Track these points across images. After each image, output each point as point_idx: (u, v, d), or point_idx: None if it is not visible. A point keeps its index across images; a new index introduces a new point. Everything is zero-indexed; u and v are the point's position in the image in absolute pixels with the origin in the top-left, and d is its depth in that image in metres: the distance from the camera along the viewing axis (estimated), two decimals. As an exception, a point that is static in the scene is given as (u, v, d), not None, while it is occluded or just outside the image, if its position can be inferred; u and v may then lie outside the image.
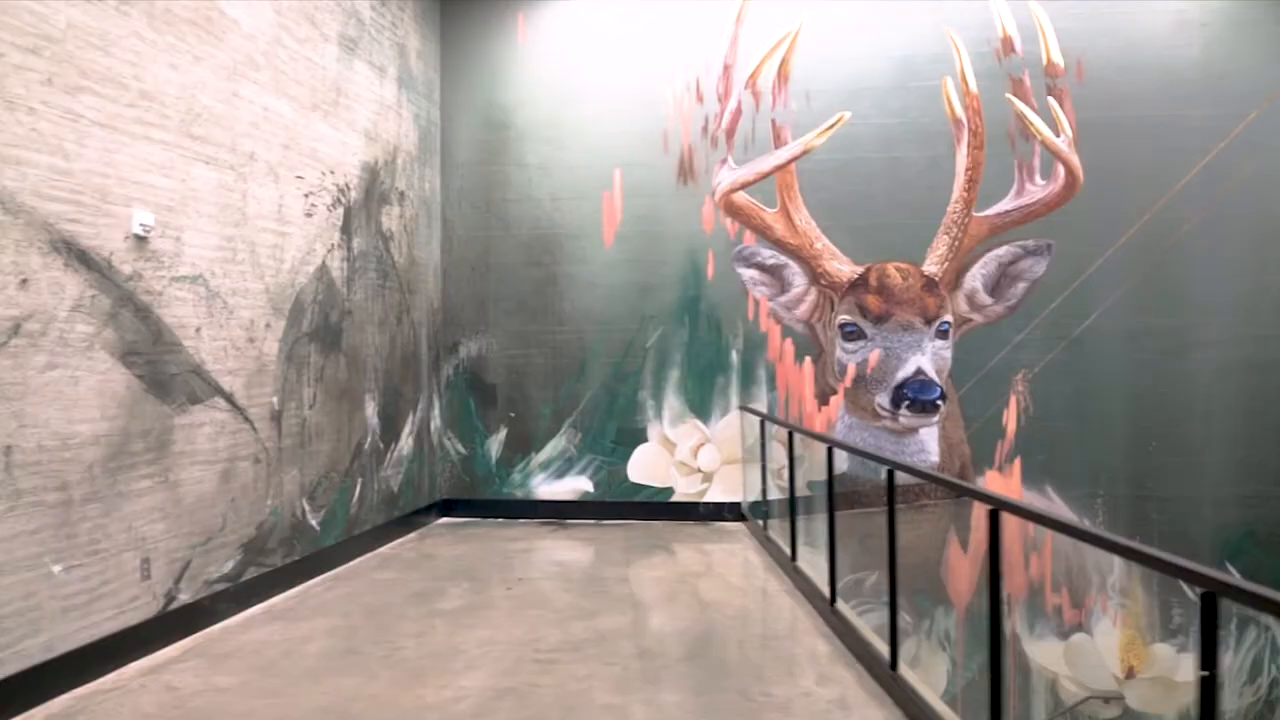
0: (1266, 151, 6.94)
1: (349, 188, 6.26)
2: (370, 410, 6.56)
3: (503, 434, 7.51)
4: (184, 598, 4.63)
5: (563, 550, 6.77)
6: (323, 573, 5.91)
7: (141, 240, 4.34)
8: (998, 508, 3.01)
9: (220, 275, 4.91)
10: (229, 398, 5.00)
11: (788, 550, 5.85)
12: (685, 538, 6.99)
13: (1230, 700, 7.08)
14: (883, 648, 4.05)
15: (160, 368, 4.47)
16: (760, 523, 6.97)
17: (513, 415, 7.51)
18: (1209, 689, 1.97)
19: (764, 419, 6.69)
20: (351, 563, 6.23)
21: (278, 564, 5.46)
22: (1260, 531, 7.03)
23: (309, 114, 5.79)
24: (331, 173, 6.06)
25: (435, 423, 7.53)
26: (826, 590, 4.89)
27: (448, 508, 7.54)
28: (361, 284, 6.43)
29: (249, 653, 4.52)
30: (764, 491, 6.77)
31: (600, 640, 4.68)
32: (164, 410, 4.49)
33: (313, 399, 5.86)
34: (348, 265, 6.26)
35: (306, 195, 5.77)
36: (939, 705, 3.68)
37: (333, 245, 6.08)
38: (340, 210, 6.16)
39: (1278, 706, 7.06)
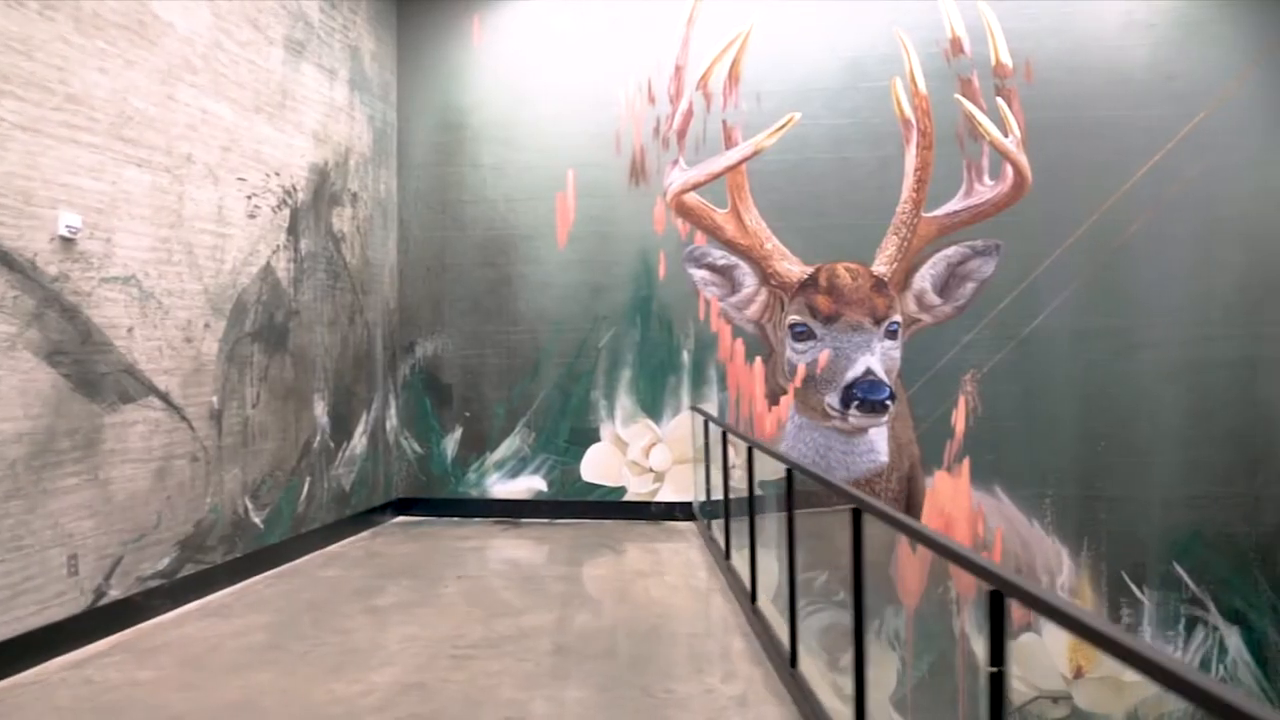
0: (1214, 152, 6.96)
1: (296, 189, 6.33)
2: (320, 409, 6.63)
3: (458, 433, 7.58)
4: (115, 593, 4.70)
5: (510, 549, 6.83)
6: (267, 570, 5.98)
7: (68, 242, 4.41)
8: (859, 509, 3.05)
9: (155, 276, 4.98)
10: (164, 397, 5.07)
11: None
12: (635, 537, 7.04)
13: (1178, 700, 7.08)
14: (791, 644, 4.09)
15: (89, 367, 4.54)
16: (708, 523, 7.02)
17: (468, 415, 7.58)
18: (998, 685, 2.02)
19: (707, 420, 6.74)
20: (298, 560, 6.30)
21: (217, 561, 5.52)
22: (1208, 531, 7.05)
23: (252, 116, 5.86)
24: (277, 174, 6.12)
25: (391, 422, 7.60)
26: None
27: (404, 506, 7.60)
28: (310, 284, 6.50)
29: (176, 648, 4.59)
30: (708, 492, 6.82)
31: (522, 637, 4.73)
32: (93, 409, 4.56)
33: (256, 398, 5.93)
34: (295, 266, 6.32)
35: (249, 197, 5.83)
36: (833, 703, 3.74)
37: (278, 246, 6.15)
38: (286, 211, 6.23)
39: (1225, 706, 7.05)
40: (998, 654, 2.02)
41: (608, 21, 7.44)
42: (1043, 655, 7.14)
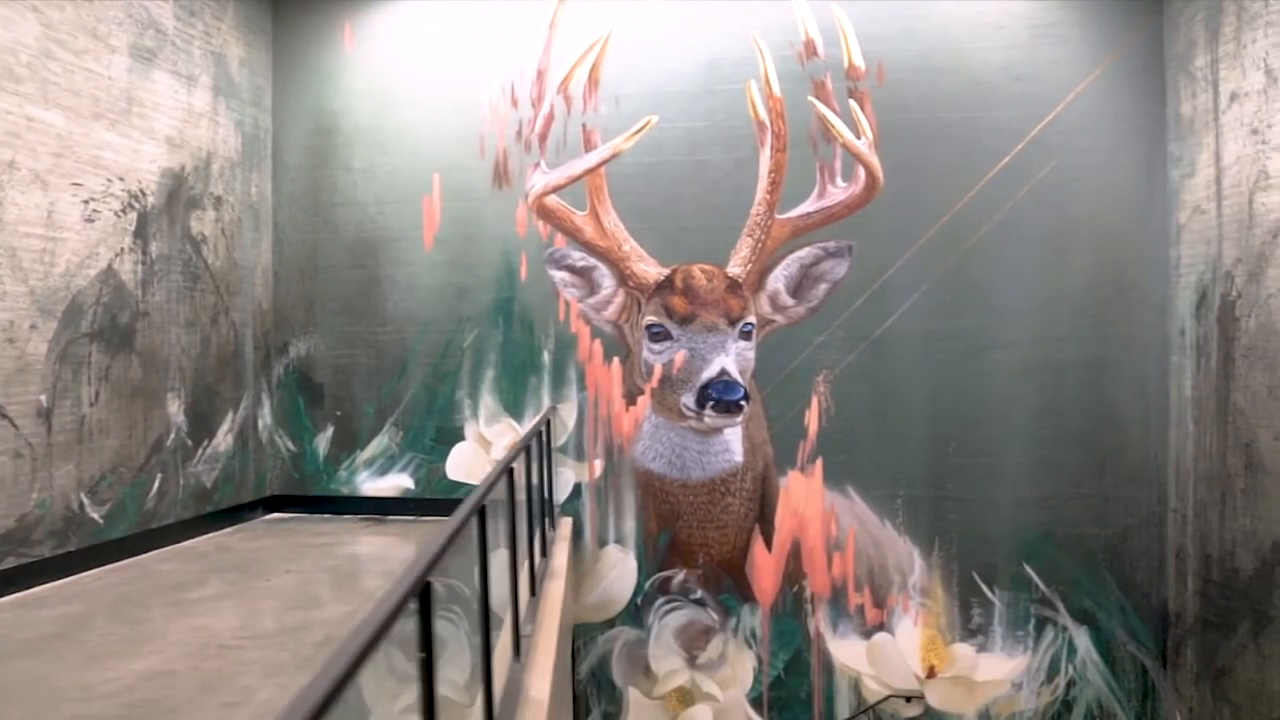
0: (1062, 153, 6.98)
1: (145, 193, 6.50)
2: (174, 408, 6.79)
3: (330, 432, 7.73)
4: (-75, 583, 4.88)
5: (363, 545, 6.97)
6: (106, 563, 6.14)
7: None
8: (484, 508, 3.15)
9: (-32, 279, 5.15)
10: (-20, 396, 5.24)
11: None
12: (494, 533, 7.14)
13: (1029, 700, 7.13)
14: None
15: (-111, 367, 4.72)
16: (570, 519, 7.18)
17: (339, 414, 7.73)
18: (427, 670, 2.12)
19: (545, 423, 6.84)
20: (144, 554, 6.46)
21: (45, 554, 5.69)
22: (1058, 532, 7.07)
23: (90, 123, 6.03)
24: (121, 179, 6.29)
25: (265, 420, 7.76)
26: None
27: (278, 504, 7.76)
28: (163, 286, 6.67)
29: (-34, 636, 4.76)
30: (550, 491, 6.93)
31: (301, 629, 4.86)
32: (-105, 407, 4.74)
33: (95, 396, 6.10)
34: (143, 268, 6.49)
35: (87, 202, 6.00)
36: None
37: (123, 249, 6.32)
38: (133, 215, 6.40)
39: (1075, 706, 7.08)
40: (425, 641, 2.12)
41: (474, 27, 7.56)
42: (896, 655, 7.19)
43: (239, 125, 7.48)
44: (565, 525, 7.14)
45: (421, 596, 2.12)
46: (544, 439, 6.50)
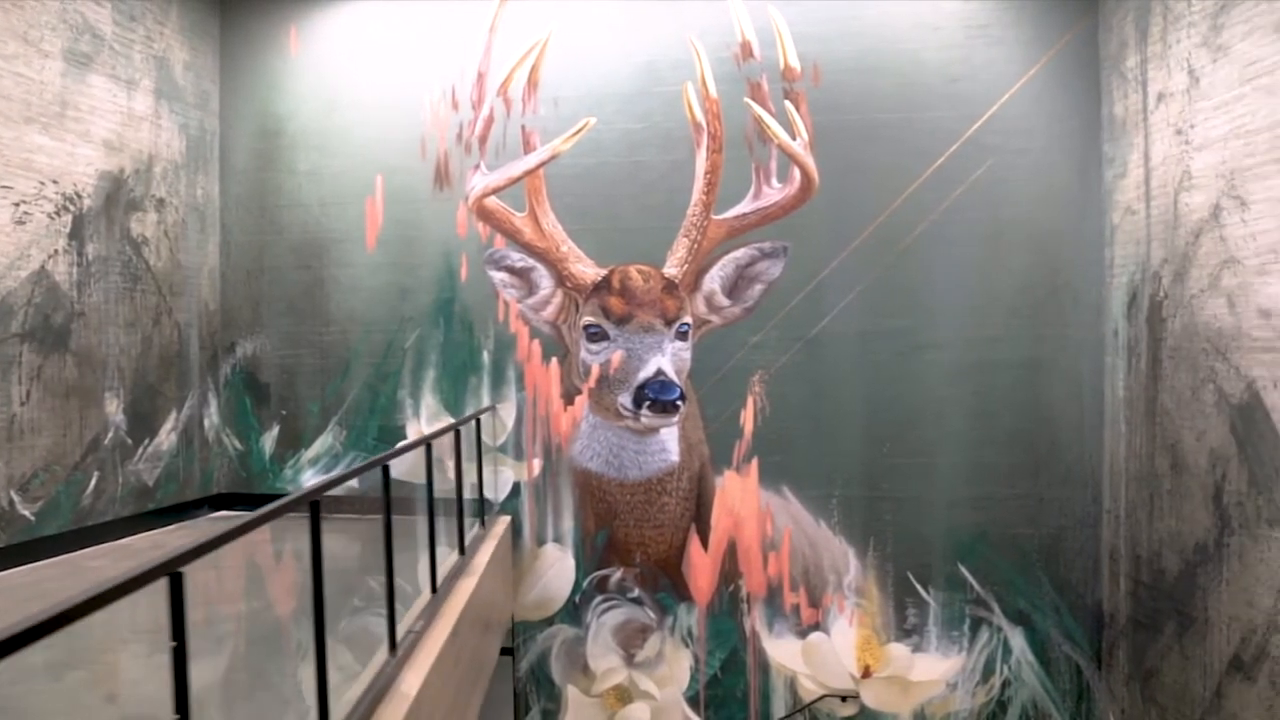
0: (997, 154, 6.97)
1: (80, 196, 6.59)
2: (113, 407, 6.89)
3: (276, 431, 7.81)
4: None
5: (301, 542, 7.02)
6: (38, 559, 6.23)
7: None
8: (316, 502, 3.19)
9: (-111, 280, 5.25)
10: (-98, 395, 5.34)
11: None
12: (408, 531, 7.19)
13: (964, 700, 7.12)
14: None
15: None
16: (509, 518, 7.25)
17: (285, 413, 7.80)
18: (179, 658, 2.18)
19: (469, 424, 6.90)
20: (79, 551, 6.55)
21: (-27, 550, 5.80)
22: (992, 533, 7.06)
23: (21, 127, 6.12)
24: (55, 182, 6.38)
25: (212, 419, 7.85)
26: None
27: (226, 501, 7.84)
28: (100, 287, 6.76)
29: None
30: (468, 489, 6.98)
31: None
32: None
33: (26, 396, 6.19)
34: (79, 270, 6.59)
35: (17, 204, 6.10)
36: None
37: (56, 251, 6.41)
38: (68, 217, 6.50)
39: (1010, 706, 7.07)
40: (178, 631, 2.17)
41: (416, 30, 7.61)
42: (831, 654, 7.20)
43: (183, 128, 7.57)
44: (501, 524, 7.18)
45: (173, 586, 2.17)
46: (466, 436, 6.56)
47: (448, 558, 5.87)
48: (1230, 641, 5.58)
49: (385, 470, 4.10)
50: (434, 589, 4.92)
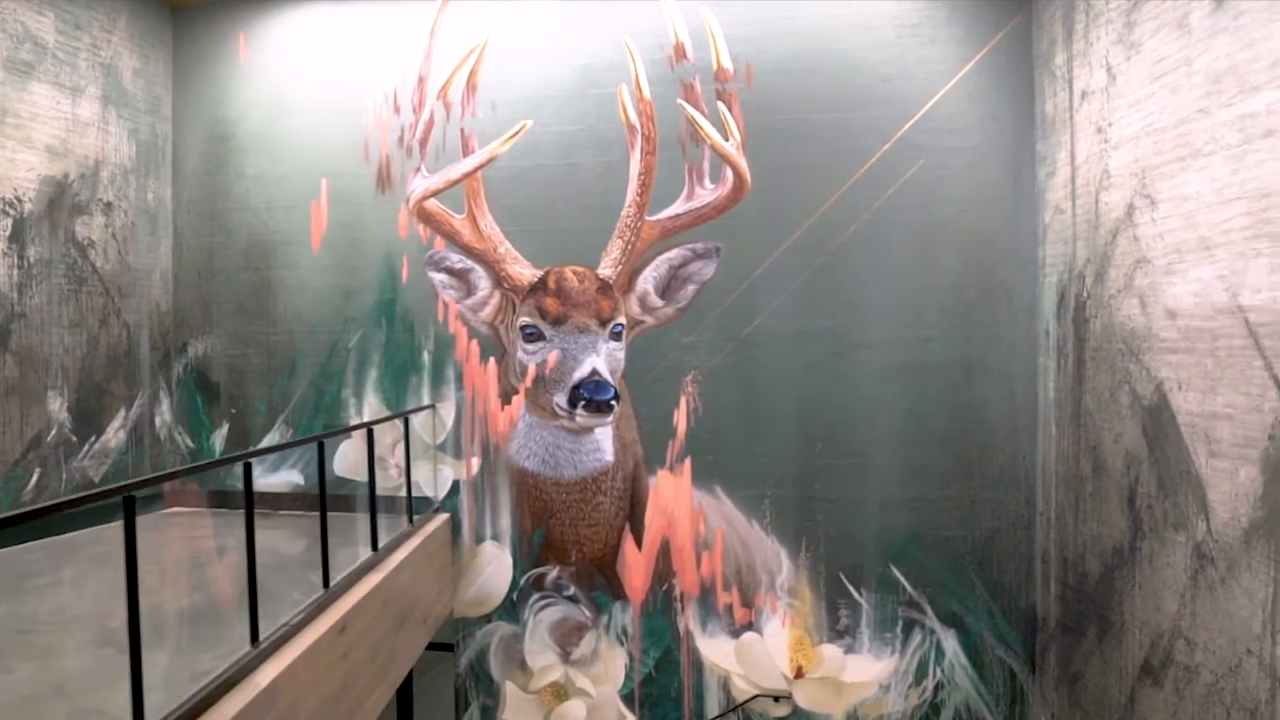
0: (930, 153, 6.92)
1: (21, 200, 6.76)
2: (56, 405, 7.06)
3: (225, 429, 7.95)
4: None
5: (238, 538, 7.15)
6: (-31, 552, 6.42)
7: None
8: (130, 497, 3.27)
9: None
10: None
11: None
12: (344, 529, 7.29)
13: (897, 702, 7.08)
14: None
15: None
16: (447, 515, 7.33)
17: (234, 411, 7.95)
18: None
19: (407, 420, 6.97)
20: (18, 545, 6.72)
21: (-93, 544, 5.98)
22: (924, 535, 7.01)
23: (-41, 134, 6.31)
24: (-6, 187, 6.56)
25: (165, 417, 8.01)
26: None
27: (178, 498, 8.00)
28: (42, 289, 6.93)
29: None
30: (409, 487, 7.06)
31: (102, 615, 5.06)
32: None
33: (-36, 395, 6.37)
34: (20, 272, 6.76)
35: (-45, 209, 6.28)
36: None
37: (-4, 254, 6.59)
38: (8, 221, 6.67)
39: (943, 709, 7.02)
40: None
41: (360, 35, 7.72)
42: (764, 654, 7.19)
43: (133, 134, 7.73)
44: (437, 521, 7.25)
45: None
46: (384, 432, 6.62)
47: (363, 554, 5.96)
48: (1142, 646, 5.52)
49: (247, 467, 4.16)
50: (325, 584, 4.99)
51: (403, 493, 7.58)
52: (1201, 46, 4.90)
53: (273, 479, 7.89)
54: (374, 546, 5.97)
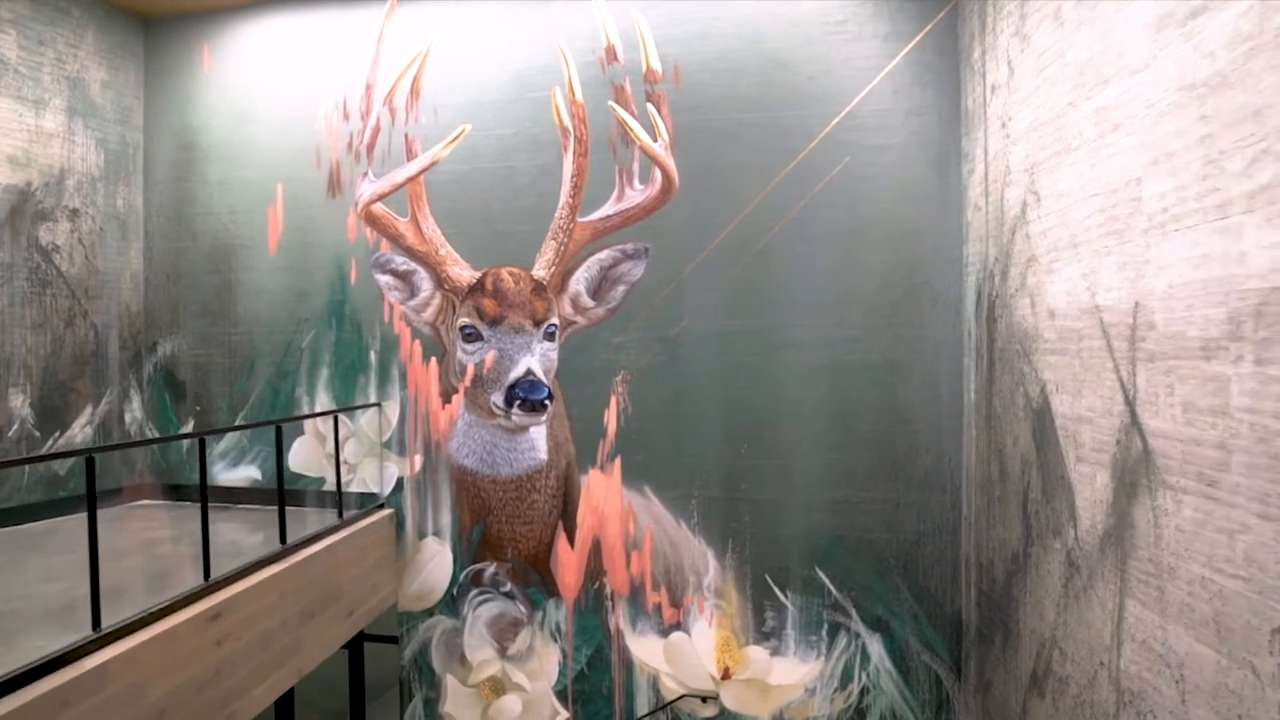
0: (855, 150, 6.85)
1: (-16, 208, 7.20)
2: (18, 401, 7.48)
3: (190, 426, 8.31)
4: None
5: (193, 529, 7.48)
6: (-65, 542, 6.86)
7: None
8: None
9: None
10: None
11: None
12: (313, 523, 7.56)
13: (823, 706, 7.03)
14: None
15: None
16: (391, 511, 7.53)
17: (199, 409, 8.30)
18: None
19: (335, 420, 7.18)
20: (-21, 537, 7.16)
21: None
22: (849, 537, 6.94)
23: (-77, 146, 6.75)
24: (-42, 196, 7.00)
25: (134, 414, 8.41)
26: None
27: (146, 492, 8.39)
28: (5, 292, 7.36)
29: None
30: (339, 483, 7.27)
31: (23, 598, 5.37)
32: None
33: (-73, 391, 6.81)
34: (-17, 275, 7.19)
35: (-82, 217, 6.72)
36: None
37: (-40, 259, 7.02)
38: (-29, 228, 7.11)
39: (869, 714, 6.95)
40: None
41: (314, 46, 7.98)
42: (691, 654, 7.22)
43: (101, 143, 8.13)
44: (376, 516, 7.46)
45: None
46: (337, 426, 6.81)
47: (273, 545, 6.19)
48: (1029, 655, 5.41)
49: (90, 462, 4.38)
50: (205, 576, 5.21)
51: (354, 488, 7.83)
52: (1071, 39, 4.79)
53: (233, 474, 8.21)
54: (282, 540, 6.18)
